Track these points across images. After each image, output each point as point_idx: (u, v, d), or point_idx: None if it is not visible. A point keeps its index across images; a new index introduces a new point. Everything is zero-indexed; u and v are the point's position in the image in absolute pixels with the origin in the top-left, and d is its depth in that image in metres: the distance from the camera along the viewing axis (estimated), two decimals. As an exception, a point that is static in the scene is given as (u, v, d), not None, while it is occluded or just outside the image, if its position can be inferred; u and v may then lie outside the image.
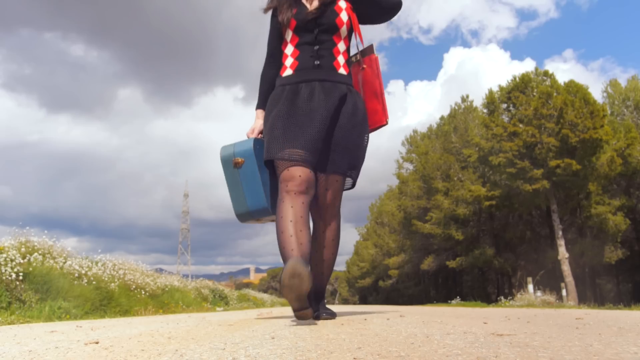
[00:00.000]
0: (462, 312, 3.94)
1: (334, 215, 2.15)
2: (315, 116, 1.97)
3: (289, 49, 2.14)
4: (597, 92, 41.16)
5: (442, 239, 22.73)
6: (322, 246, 2.15)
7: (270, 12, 2.23)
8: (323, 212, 2.13)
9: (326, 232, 2.15)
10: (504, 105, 19.46)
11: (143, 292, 6.55)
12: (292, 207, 1.90)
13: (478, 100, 23.88)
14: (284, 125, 1.99)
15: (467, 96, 25.18)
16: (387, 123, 2.23)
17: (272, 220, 2.17)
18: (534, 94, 18.47)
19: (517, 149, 17.64)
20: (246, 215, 2.18)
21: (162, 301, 7.14)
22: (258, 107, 2.26)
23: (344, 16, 2.12)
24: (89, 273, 5.23)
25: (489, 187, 19.90)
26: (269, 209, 2.12)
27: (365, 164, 2.19)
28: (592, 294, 19.95)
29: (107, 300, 5.29)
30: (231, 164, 2.17)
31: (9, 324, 3.10)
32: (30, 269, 4.23)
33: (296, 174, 1.95)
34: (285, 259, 1.84)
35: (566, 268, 17.52)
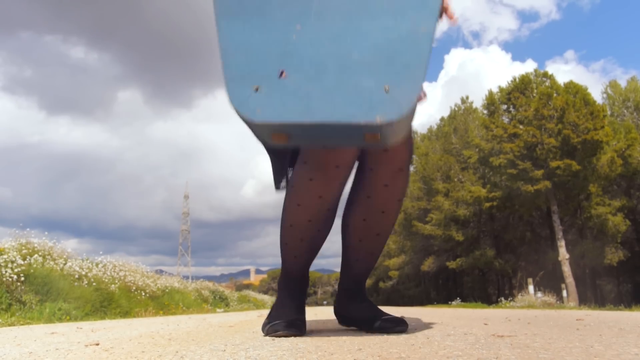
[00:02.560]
0: (463, 313, 3.94)
1: (405, 156, 1.29)
2: None
3: None
4: (597, 93, 41.18)
5: (443, 240, 22.73)
6: (377, 210, 1.34)
7: None
8: (390, 151, 1.25)
9: (390, 186, 1.30)
10: (504, 107, 19.50)
11: (143, 294, 6.56)
12: (320, 197, 1.26)
13: (479, 101, 23.96)
14: None
15: (467, 97, 25.29)
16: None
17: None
18: (534, 95, 18.50)
19: (517, 150, 17.65)
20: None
21: (163, 302, 7.14)
22: None
23: None
24: (89, 274, 5.24)
25: (489, 188, 19.91)
26: None
27: None
28: (592, 295, 19.92)
29: (108, 302, 5.29)
30: None
31: (10, 325, 3.10)
32: (31, 270, 4.23)
33: None
34: (284, 272, 1.45)
35: (567, 269, 17.52)
